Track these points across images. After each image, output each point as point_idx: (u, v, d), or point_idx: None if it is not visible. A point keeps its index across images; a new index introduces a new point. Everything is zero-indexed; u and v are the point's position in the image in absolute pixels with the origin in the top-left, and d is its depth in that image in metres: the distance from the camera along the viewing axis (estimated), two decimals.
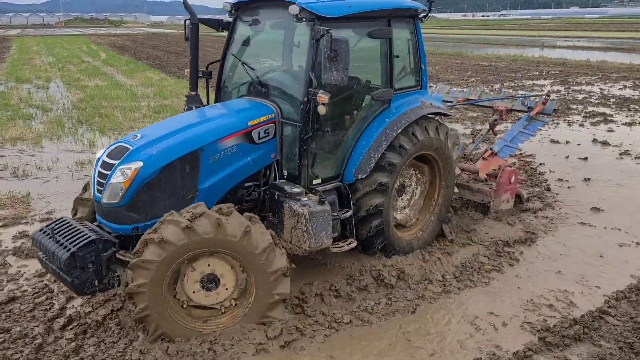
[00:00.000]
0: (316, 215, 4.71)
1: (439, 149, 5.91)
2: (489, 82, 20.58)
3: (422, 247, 6.07)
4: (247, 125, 4.93)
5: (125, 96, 17.96)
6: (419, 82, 5.96)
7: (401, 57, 5.71)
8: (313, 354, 4.46)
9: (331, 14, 4.82)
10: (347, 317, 4.89)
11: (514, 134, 7.63)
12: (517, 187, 7.35)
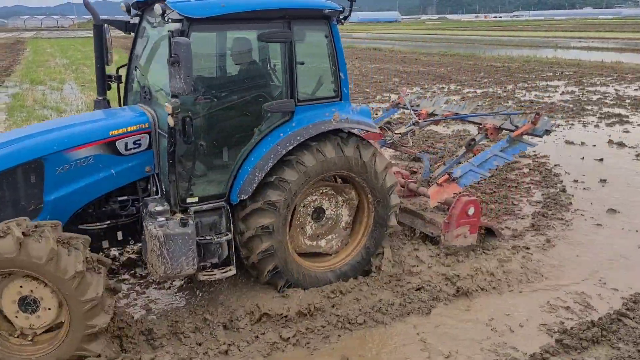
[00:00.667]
0: (173, 238, 4.28)
1: (362, 171, 5.15)
2: (502, 84, 20.45)
3: (338, 280, 5.34)
4: (109, 135, 4.53)
5: None
6: (338, 92, 5.16)
7: (314, 65, 5.24)
8: (327, 353, 4.44)
9: (200, 14, 4.31)
10: (361, 317, 4.86)
11: (486, 157, 6.36)
12: (484, 221, 6.39)
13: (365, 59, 32.86)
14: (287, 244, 4.99)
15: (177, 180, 4.53)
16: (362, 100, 17.28)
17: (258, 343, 4.50)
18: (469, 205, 5.92)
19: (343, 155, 5.00)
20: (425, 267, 5.75)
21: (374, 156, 5.21)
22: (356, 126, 5.15)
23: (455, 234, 5.93)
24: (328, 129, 4.90)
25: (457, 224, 5.90)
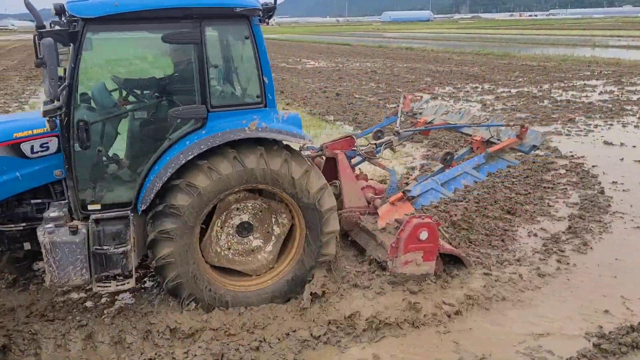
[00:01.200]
0: (60, 246, 4.11)
1: (291, 189, 4.69)
2: (537, 83, 20.03)
3: (260, 303, 4.87)
4: (12, 137, 4.42)
5: None
6: (261, 98, 4.72)
7: (232, 67, 4.99)
8: (358, 352, 4.41)
9: (92, 13, 4.09)
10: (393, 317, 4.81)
11: (455, 175, 5.48)
12: (448, 247, 5.55)
13: (397, 59, 32.65)
14: (195, 254, 4.62)
15: (76, 186, 4.37)
16: (393, 100, 17.16)
17: None
18: (421, 229, 5.13)
19: (267, 167, 4.56)
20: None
21: (306, 173, 4.70)
22: (274, 136, 4.59)
23: (403, 260, 5.17)
24: (237, 137, 4.46)
25: (406, 249, 5.15)
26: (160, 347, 4.38)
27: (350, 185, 6.03)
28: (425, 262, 5.26)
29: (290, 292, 4.99)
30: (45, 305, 4.96)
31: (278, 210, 4.96)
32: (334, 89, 19.54)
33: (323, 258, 4.99)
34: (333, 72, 25.98)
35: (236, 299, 4.83)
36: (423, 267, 5.27)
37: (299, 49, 45.59)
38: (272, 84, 4.71)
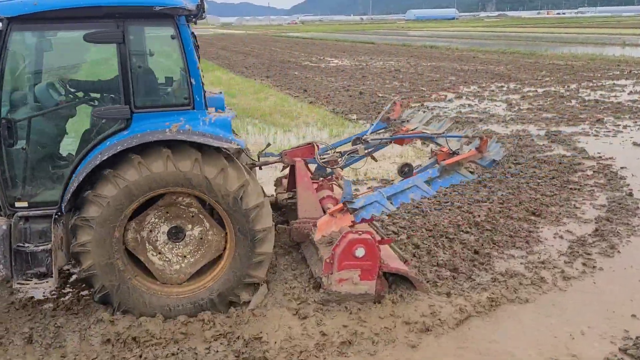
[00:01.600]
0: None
1: (208, 190, 4.50)
2: (565, 82, 19.68)
3: (180, 313, 4.68)
4: None
5: None
6: (189, 100, 4.58)
7: (159, 68, 4.86)
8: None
9: (11, 13, 4.10)
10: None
11: (404, 187, 4.91)
12: (393, 265, 5.02)
13: (421, 57, 32.41)
14: (117, 264, 4.54)
15: (3, 183, 4.40)
16: (417, 98, 17.04)
17: None
18: (357, 245, 4.73)
19: (176, 170, 4.38)
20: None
21: (221, 172, 4.48)
22: (194, 138, 4.38)
23: (337, 277, 4.80)
24: (153, 139, 4.31)
25: (340, 266, 4.77)
26: (179, 342, 4.43)
27: (306, 195, 5.55)
28: (363, 281, 4.81)
29: (211, 303, 4.76)
30: (71, 299, 5.06)
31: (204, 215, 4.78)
32: (357, 88, 19.49)
33: (258, 257, 4.74)
34: (356, 70, 25.91)
35: (170, 306, 4.71)
36: (361, 286, 4.83)
37: (323, 47, 45.59)
38: (200, 86, 4.56)
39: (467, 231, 6.64)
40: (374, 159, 6.41)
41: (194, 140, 4.37)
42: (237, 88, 19.99)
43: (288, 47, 46.59)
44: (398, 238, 6.35)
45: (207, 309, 4.72)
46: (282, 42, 54.59)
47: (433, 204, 7.59)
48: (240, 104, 16.38)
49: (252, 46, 48.29)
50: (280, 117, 14.28)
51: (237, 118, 14.15)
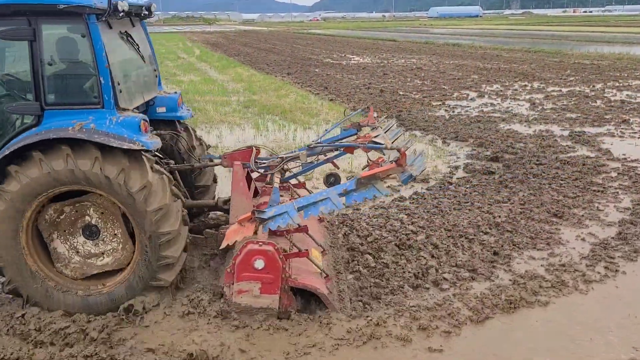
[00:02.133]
0: None
1: (111, 191, 4.49)
2: (590, 82, 19.31)
3: (83, 311, 4.72)
4: None
5: (216, 91, 18.64)
6: (99, 99, 4.60)
7: (69, 65, 4.85)
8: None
9: None
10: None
11: (316, 199, 4.59)
12: (300, 280, 4.67)
13: (443, 55, 32.12)
14: (23, 259, 4.61)
15: None
16: (438, 97, 16.91)
17: None
18: (256, 257, 4.48)
19: (76, 168, 4.40)
20: None
21: (122, 172, 4.45)
22: (94, 138, 4.40)
23: (237, 288, 4.57)
24: (53, 137, 4.38)
25: (239, 277, 4.56)
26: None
27: (240, 201, 5.25)
28: (264, 294, 4.55)
29: (114, 302, 4.76)
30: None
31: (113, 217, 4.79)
32: (378, 86, 19.40)
33: (164, 260, 4.66)
34: (378, 68, 25.79)
35: (88, 302, 4.75)
36: (262, 300, 4.56)
37: (344, 44, 45.48)
38: (109, 85, 4.55)
39: (487, 232, 6.56)
40: (335, 166, 6.02)
41: (94, 139, 4.39)
42: (258, 85, 20.06)
43: (309, 44, 46.58)
44: (416, 238, 6.31)
45: (111, 309, 4.73)
46: (303, 39, 54.58)
47: (453, 204, 7.52)
48: (261, 100, 16.43)
49: (273, 43, 48.40)
50: (301, 114, 14.29)
51: (257, 115, 14.22)
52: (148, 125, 4.71)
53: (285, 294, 4.60)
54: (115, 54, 4.84)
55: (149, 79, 5.75)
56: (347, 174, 9.05)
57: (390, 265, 5.68)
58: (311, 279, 4.77)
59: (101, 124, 4.48)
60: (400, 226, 6.68)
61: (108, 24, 4.79)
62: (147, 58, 5.73)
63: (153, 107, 5.76)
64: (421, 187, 8.41)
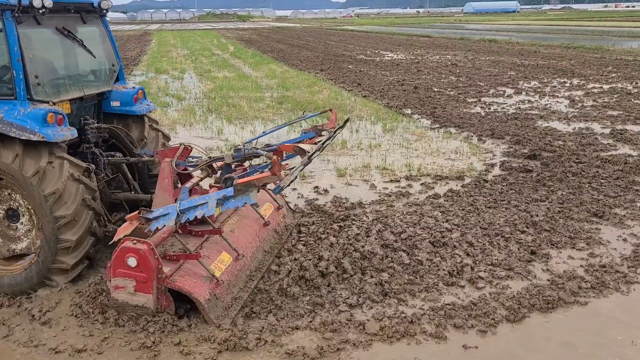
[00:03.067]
0: None
1: (10, 177, 4.82)
2: (633, 79, 18.70)
3: (11, 287, 5.05)
4: None
5: (250, 87, 18.78)
6: (12, 91, 4.89)
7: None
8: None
9: None
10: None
11: (197, 203, 4.44)
12: (174, 282, 4.53)
13: (479, 52, 31.60)
14: None
15: None
16: (473, 94, 16.65)
17: None
18: (129, 254, 4.42)
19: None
20: None
21: (16, 158, 4.71)
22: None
23: (114, 284, 4.56)
24: None
25: (115, 273, 4.54)
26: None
27: (162, 196, 5.18)
28: (139, 293, 4.50)
29: (41, 280, 5.05)
30: None
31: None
32: (412, 82, 19.22)
33: (63, 244, 4.87)
34: (411, 64, 25.55)
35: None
36: (138, 298, 4.52)
37: (377, 40, 45.21)
38: (20, 78, 4.82)
39: (524, 231, 6.43)
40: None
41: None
42: (291, 81, 20.12)
43: (343, 40, 46.47)
44: (451, 235, 6.23)
45: (26, 290, 5.02)
46: (336, 36, 54.49)
47: (488, 202, 7.40)
48: (294, 96, 16.48)
49: (306, 39, 48.47)
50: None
51: (290, 111, 14.28)
52: (62, 117, 4.95)
53: (164, 294, 4.51)
54: (41, 49, 5.21)
55: (98, 74, 6.06)
56: (382, 170, 9.02)
57: (425, 262, 5.64)
58: (192, 282, 4.60)
59: (10, 115, 4.79)
60: (435, 223, 6.61)
61: (36, 20, 5.03)
62: (101, 53, 6.01)
63: (107, 101, 6.07)
64: (456, 185, 8.30)
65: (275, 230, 6.11)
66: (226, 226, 5.53)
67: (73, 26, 5.61)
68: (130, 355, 4.24)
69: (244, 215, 5.86)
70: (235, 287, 4.95)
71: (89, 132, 5.71)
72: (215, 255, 5.00)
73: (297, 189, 8.16)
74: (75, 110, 5.68)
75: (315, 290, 5.12)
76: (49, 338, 4.50)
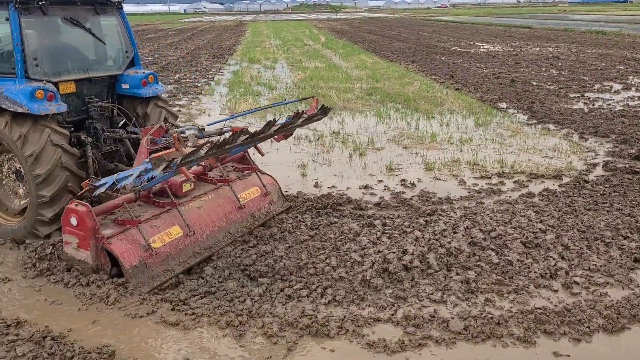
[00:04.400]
0: None
1: (7, 141, 5.60)
2: None
3: (16, 237, 5.89)
4: None
5: (340, 78, 18.83)
6: (14, 71, 5.73)
7: (5, 43, 5.85)
8: None
9: None
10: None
11: (128, 174, 4.70)
12: (109, 245, 4.93)
13: (584, 44, 29.65)
14: None
15: None
16: (576, 88, 15.65)
17: None
18: (71, 214, 5.01)
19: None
20: None
21: (6, 125, 5.54)
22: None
23: (64, 240, 5.20)
24: None
25: (64, 230, 5.17)
26: None
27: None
28: (81, 249, 5.08)
29: (31, 230, 5.79)
30: None
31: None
32: (509, 75, 18.40)
33: (41, 199, 5.58)
34: (509, 56, 24.45)
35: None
36: (80, 253, 5.10)
37: (473, 31, 43.69)
38: (19, 59, 5.62)
39: (627, 236, 5.97)
40: (259, 152, 6.51)
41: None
42: (382, 72, 19.95)
43: (436, 31, 45.36)
44: (545, 237, 5.91)
45: (30, 235, 5.80)
46: (430, 26, 53.28)
47: (588, 204, 6.94)
48: (384, 88, 16.33)
49: (398, 30, 47.80)
50: (424, 103, 13.99)
51: (379, 102, 14.17)
52: (53, 94, 5.66)
53: (102, 253, 5.02)
54: (45, 36, 6.05)
55: (108, 59, 6.80)
56: (472, 166, 8.74)
57: (515, 263, 5.40)
58: (126, 248, 5.01)
59: (8, 90, 5.59)
60: (528, 223, 6.30)
61: (42, 11, 5.85)
62: (114, 41, 6.77)
63: (119, 84, 6.80)
64: (552, 184, 7.87)
65: (253, 214, 6.30)
66: (194, 202, 5.85)
67: (84, 17, 6.39)
68: (219, 334, 4.43)
69: (221, 195, 6.14)
70: (175, 260, 5.27)
71: (91, 110, 6.45)
72: (165, 227, 5.37)
73: (384, 181, 8.10)
74: (82, 89, 6.42)
75: (398, 284, 5.07)
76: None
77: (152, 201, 5.64)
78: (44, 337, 4.29)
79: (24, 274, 5.34)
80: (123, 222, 5.20)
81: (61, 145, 5.64)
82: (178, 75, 20.24)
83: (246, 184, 6.55)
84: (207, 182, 6.28)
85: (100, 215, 5.18)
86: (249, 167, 6.83)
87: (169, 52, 29.30)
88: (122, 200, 5.37)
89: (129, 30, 6.87)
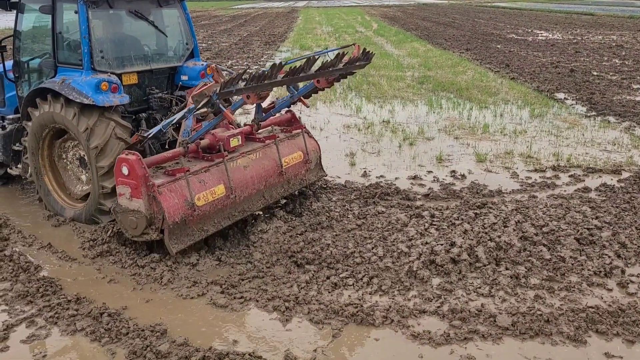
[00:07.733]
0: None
1: (72, 129, 5.79)
2: None
3: (77, 220, 6.21)
4: None
5: (391, 66, 18.63)
6: (81, 62, 5.91)
7: (74, 36, 6.02)
8: None
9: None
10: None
11: (174, 119, 5.38)
12: (158, 192, 5.06)
13: None
14: (42, 177, 6.38)
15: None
16: (626, 84, 14.89)
17: None
18: (123, 164, 5.09)
19: (53, 111, 5.83)
20: None
21: (75, 117, 5.69)
22: (63, 91, 5.66)
23: (118, 191, 5.24)
24: (42, 86, 5.93)
25: (117, 181, 5.23)
26: None
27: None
28: (134, 198, 5.11)
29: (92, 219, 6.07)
30: None
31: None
32: (568, 64, 17.71)
33: (103, 190, 5.79)
34: (569, 45, 23.51)
35: (62, 209, 6.38)
36: (134, 203, 5.12)
37: (531, 18, 42.18)
38: (85, 51, 5.81)
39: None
40: (303, 103, 6.66)
41: (63, 92, 5.68)
42: (434, 60, 19.60)
43: (492, 18, 44.06)
44: (601, 234, 5.71)
45: (90, 221, 6.07)
46: (486, 13, 51.79)
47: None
48: (436, 77, 16.06)
49: (453, 17, 46.72)
50: (477, 92, 13.68)
51: (431, 91, 13.96)
52: (116, 86, 5.81)
53: (154, 201, 5.03)
54: (111, 29, 6.31)
55: (169, 51, 6.97)
56: (526, 158, 8.51)
57: (568, 260, 5.25)
58: (173, 202, 5.09)
59: (75, 81, 5.76)
60: (583, 219, 6.11)
61: (108, 4, 6.08)
62: (175, 34, 6.97)
63: (178, 75, 6.97)
64: (611, 179, 7.57)
65: (289, 180, 6.35)
66: (242, 159, 5.88)
67: (148, 9, 6.57)
68: (267, 317, 4.54)
69: (267, 155, 6.16)
70: (211, 220, 5.41)
71: (152, 100, 6.61)
72: (212, 184, 5.44)
73: (433, 172, 8.01)
74: (144, 80, 6.60)
75: (445, 276, 5.04)
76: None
77: (202, 155, 5.67)
78: (101, 313, 4.51)
79: (85, 254, 5.61)
80: (173, 172, 5.25)
81: (124, 139, 5.82)
82: (230, 61, 20.52)
83: (291, 146, 6.54)
84: (256, 140, 6.31)
85: (152, 166, 5.28)
86: (297, 127, 6.82)
87: (222, 39, 29.72)
88: (171, 154, 5.46)
89: (189, 22, 7.02)
